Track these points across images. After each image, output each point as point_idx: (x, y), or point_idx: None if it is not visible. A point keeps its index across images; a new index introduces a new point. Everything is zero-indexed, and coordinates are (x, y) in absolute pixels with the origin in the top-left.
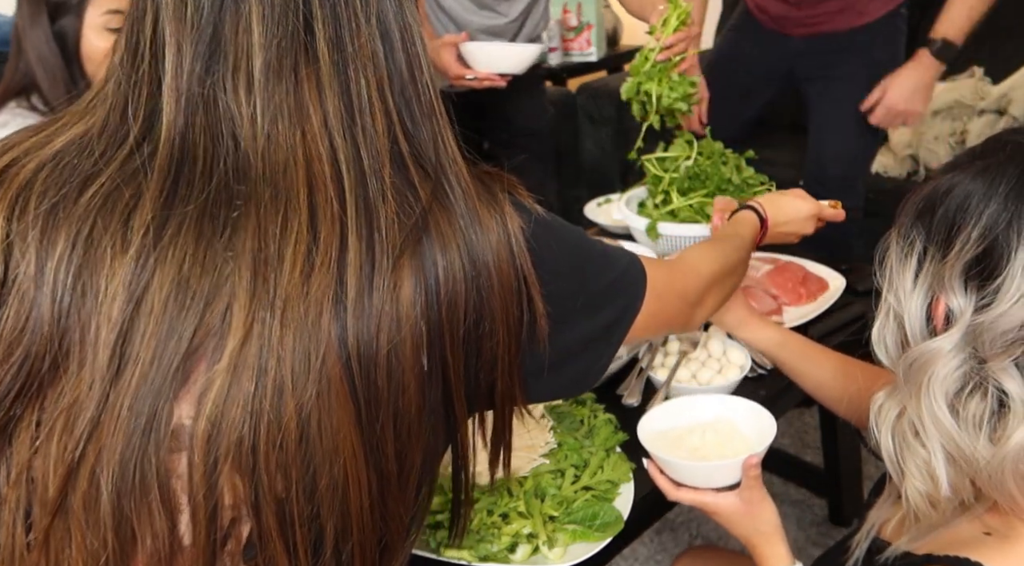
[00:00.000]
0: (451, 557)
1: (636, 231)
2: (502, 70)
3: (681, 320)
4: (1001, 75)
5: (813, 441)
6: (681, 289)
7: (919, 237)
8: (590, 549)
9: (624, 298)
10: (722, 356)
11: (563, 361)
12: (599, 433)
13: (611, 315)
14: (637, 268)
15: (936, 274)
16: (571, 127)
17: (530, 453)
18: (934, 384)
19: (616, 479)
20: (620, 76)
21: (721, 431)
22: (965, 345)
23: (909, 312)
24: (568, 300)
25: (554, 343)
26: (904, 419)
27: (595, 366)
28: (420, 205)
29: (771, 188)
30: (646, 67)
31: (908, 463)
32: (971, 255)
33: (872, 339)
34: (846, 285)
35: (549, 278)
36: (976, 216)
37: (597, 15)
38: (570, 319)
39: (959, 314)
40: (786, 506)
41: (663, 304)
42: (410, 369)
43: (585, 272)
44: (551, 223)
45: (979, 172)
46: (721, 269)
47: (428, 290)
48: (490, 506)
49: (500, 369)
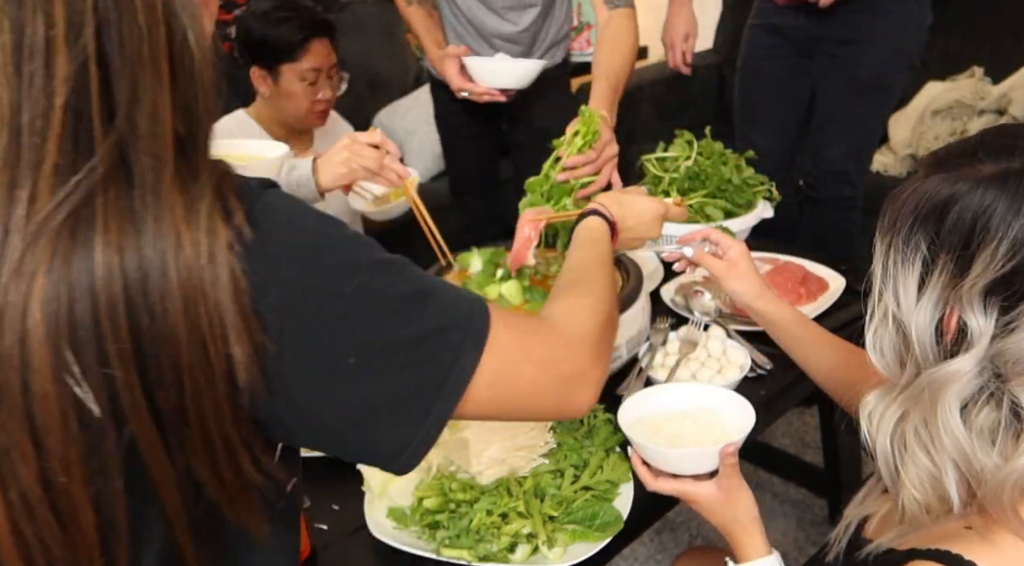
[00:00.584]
0: (451, 557)
1: None
2: (502, 86)
3: (552, 401)
4: (1001, 75)
5: (813, 441)
6: (546, 358)
7: (924, 242)
8: (590, 549)
9: (440, 360)
10: (722, 356)
11: (334, 419)
12: (599, 433)
13: (417, 378)
14: (476, 325)
15: (950, 287)
16: None
17: (530, 453)
18: (951, 401)
19: (616, 479)
20: None
21: (701, 420)
22: (984, 364)
23: (917, 324)
24: (328, 347)
25: (310, 396)
26: (907, 425)
27: (391, 439)
28: (87, 185)
29: (771, 188)
30: (544, 186)
31: (908, 471)
32: (996, 275)
33: (867, 344)
34: (846, 285)
35: (290, 320)
36: (1002, 232)
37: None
38: (335, 373)
39: (979, 335)
40: (786, 506)
41: (516, 378)
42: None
43: (363, 315)
44: (317, 245)
45: (997, 180)
46: (600, 323)
47: (71, 291)
48: (490, 506)
49: (207, 407)
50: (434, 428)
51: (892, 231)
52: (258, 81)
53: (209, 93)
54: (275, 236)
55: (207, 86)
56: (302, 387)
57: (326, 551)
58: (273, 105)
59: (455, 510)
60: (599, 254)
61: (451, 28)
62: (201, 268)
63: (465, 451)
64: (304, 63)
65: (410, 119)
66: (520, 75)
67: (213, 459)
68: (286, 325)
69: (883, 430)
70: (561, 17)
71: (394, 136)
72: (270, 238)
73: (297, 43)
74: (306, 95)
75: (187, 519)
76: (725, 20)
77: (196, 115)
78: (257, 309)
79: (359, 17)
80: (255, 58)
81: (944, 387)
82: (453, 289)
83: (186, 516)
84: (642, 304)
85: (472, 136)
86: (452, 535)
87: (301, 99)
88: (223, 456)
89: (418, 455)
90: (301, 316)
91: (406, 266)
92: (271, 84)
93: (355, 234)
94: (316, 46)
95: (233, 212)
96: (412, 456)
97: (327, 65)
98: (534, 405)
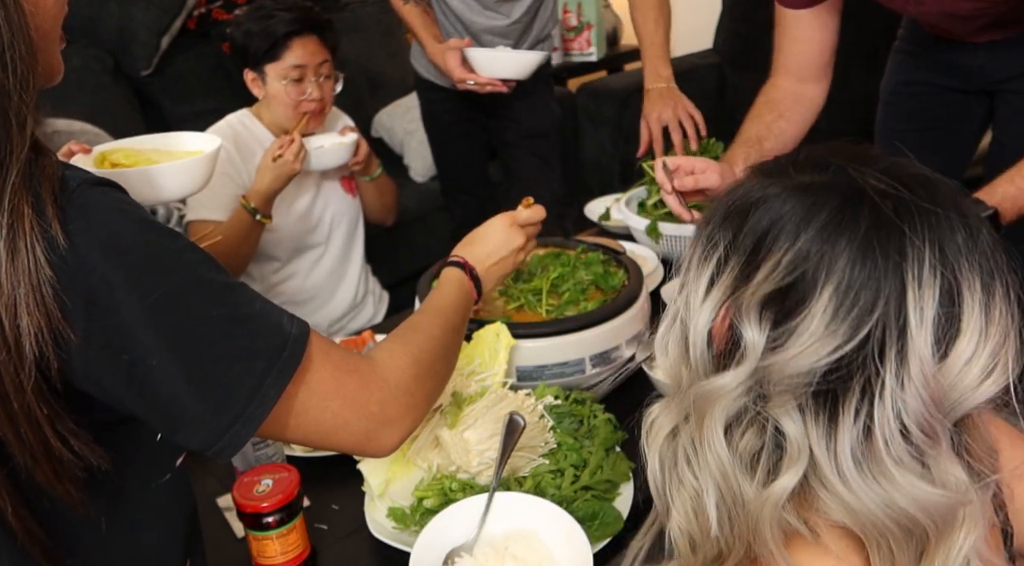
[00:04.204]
0: None
1: (636, 231)
2: (505, 76)
3: (354, 438)
4: None
5: None
6: (357, 397)
7: (723, 240)
8: None
9: (242, 384)
10: None
11: (141, 409)
12: (599, 433)
13: (217, 396)
14: (286, 356)
15: (731, 290)
16: (571, 127)
17: (530, 453)
18: (717, 417)
19: (616, 479)
20: (620, 76)
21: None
22: (751, 382)
23: (696, 326)
24: (129, 345)
25: (115, 387)
26: (677, 442)
27: (193, 439)
28: None
29: None
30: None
31: (675, 494)
32: (775, 286)
33: (656, 340)
34: None
35: (96, 313)
36: (789, 242)
37: (597, 15)
38: (139, 370)
39: (751, 349)
40: None
41: (322, 412)
42: None
43: (166, 324)
44: (130, 248)
45: (800, 190)
46: (418, 373)
47: None
48: None
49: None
50: (233, 443)
51: (703, 225)
52: (251, 84)
53: (22, 71)
54: (88, 233)
55: (22, 63)
56: (109, 378)
57: (326, 551)
58: (268, 107)
59: None
60: (436, 304)
61: (440, 26)
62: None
63: (465, 451)
64: (286, 61)
65: (410, 119)
66: (523, 65)
67: (12, 422)
68: (93, 319)
69: (655, 444)
70: (547, 13)
71: (394, 136)
72: (81, 233)
73: (278, 41)
74: (290, 94)
75: (3, 477)
76: (725, 20)
77: (7, 92)
78: (59, 294)
79: (359, 17)
80: (243, 61)
81: (711, 402)
82: (275, 319)
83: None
84: (642, 304)
85: (461, 135)
86: None
87: (284, 98)
88: (23, 421)
89: (222, 457)
90: (106, 311)
91: (233, 290)
92: (261, 86)
93: (184, 247)
94: (299, 43)
95: (44, 202)
96: (216, 454)
97: (313, 63)
98: (337, 438)
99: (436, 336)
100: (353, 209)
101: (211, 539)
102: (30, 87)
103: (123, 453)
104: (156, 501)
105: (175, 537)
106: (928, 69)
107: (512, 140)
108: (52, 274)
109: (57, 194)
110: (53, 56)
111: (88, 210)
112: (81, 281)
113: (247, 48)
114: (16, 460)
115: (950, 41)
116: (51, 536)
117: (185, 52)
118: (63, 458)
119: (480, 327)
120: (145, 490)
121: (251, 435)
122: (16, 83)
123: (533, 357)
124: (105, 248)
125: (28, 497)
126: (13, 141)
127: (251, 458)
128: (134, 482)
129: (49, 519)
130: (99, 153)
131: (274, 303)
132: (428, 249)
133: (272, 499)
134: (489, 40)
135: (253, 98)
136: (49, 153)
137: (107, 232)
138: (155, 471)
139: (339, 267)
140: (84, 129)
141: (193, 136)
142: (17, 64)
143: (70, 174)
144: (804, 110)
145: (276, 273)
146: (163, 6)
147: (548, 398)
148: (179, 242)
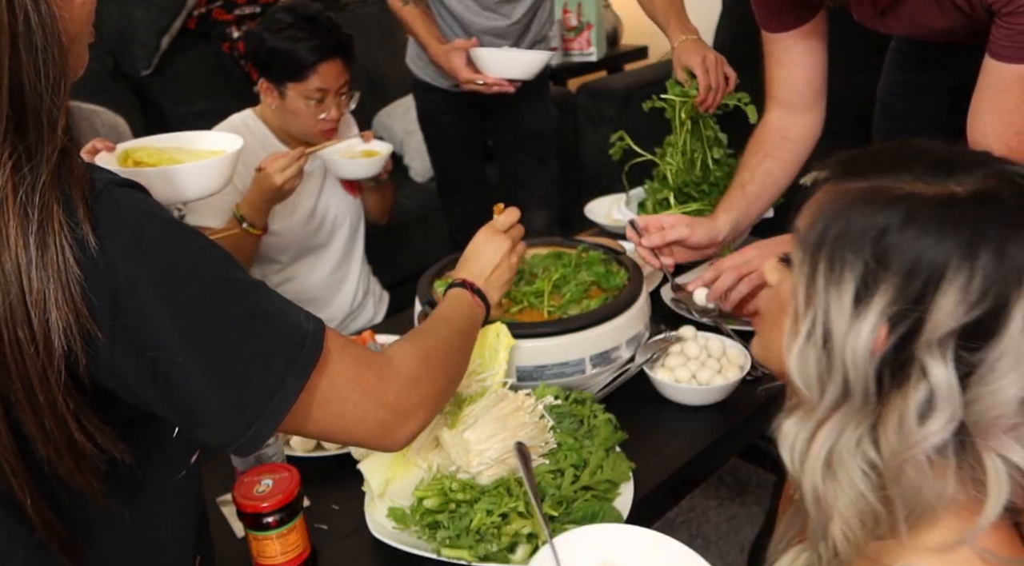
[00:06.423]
0: (451, 557)
1: None
2: (512, 76)
3: (373, 429)
4: None
5: None
6: (375, 388)
7: (852, 254)
8: None
9: (264, 382)
10: (722, 356)
11: (163, 407)
12: (599, 433)
13: (241, 393)
14: (305, 352)
15: (890, 311)
16: (571, 127)
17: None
18: (922, 458)
19: (616, 479)
20: (620, 76)
21: None
22: (953, 423)
23: (852, 345)
24: (155, 344)
25: (141, 385)
26: (836, 450)
27: (215, 436)
28: None
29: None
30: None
31: (838, 500)
32: (967, 319)
33: (790, 363)
34: None
35: (121, 314)
36: (967, 267)
37: (597, 15)
38: (164, 366)
39: (942, 388)
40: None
41: (343, 402)
42: None
43: (192, 323)
44: (155, 250)
45: (946, 204)
46: (428, 371)
47: None
48: (490, 506)
49: (28, 364)
50: (255, 440)
51: (811, 245)
52: (265, 93)
53: (54, 76)
54: (114, 234)
55: (54, 68)
56: (134, 376)
57: (326, 551)
58: (279, 116)
59: (455, 510)
60: (439, 314)
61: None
62: (29, 241)
63: (465, 451)
64: (311, 84)
65: (410, 119)
66: (531, 65)
67: (37, 415)
68: (118, 317)
69: (812, 459)
70: (545, 14)
71: (394, 136)
72: (109, 235)
73: (308, 66)
74: (311, 114)
75: (23, 470)
76: (725, 21)
77: (39, 94)
78: (86, 292)
79: (359, 17)
80: (263, 71)
81: (913, 447)
82: (293, 317)
83: (21, 465)
84: (642, 304)
85: (458, 136)
86: (452, 535)
87: (306, 117)
88: (48, 415)
89: (243, 454)
90: (131, 310)
91: (254, 288)
92: (277, 97)
93: (206, 246)
94: (326, 67)
95: (74, 203)
96: (238, 451)
97: (335, 86)
98: (356, 430)
99: (444, 337)
100: (355, 210)
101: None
102: (61, 90)
103: (143, 449)
104: (172, 497)
105: (188, 533)
106: (921, 69)
107: (509, 141)
108: (80, 273)
109: (87, 196)
110: (82, 54)
111: (114, 212)
112: (107, 281)
113: (269, 65)
114: (39, 453)
115: (941, 42)
116: (69, 529)
117: (185, 52)
118: (86, 452)
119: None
120: (163, 486)
121: (273, 431)
122: (48, 86)
123: (533, 357)
124: (130, 249)
125: (48, 491)
126: (45, 141)
127: (251, 458)
128: (153, 477)
129: (68, 513)
130: (123, 151)
131: (290, 300)
132: (428, 249)
133: (272, 499)
134: (488, 41)
135: (253, 98)
136: (75, 154)
137: (132, 232)
138: (173, 467)
139: (340, 268)
140: (94, 110)
141: (215, 135)
142: (50, 68)
143: (96, 176)
144: (793, 147)
145: (277, 274)
146: (163, 6)
147: (548, 398)
148: (201, 241)
